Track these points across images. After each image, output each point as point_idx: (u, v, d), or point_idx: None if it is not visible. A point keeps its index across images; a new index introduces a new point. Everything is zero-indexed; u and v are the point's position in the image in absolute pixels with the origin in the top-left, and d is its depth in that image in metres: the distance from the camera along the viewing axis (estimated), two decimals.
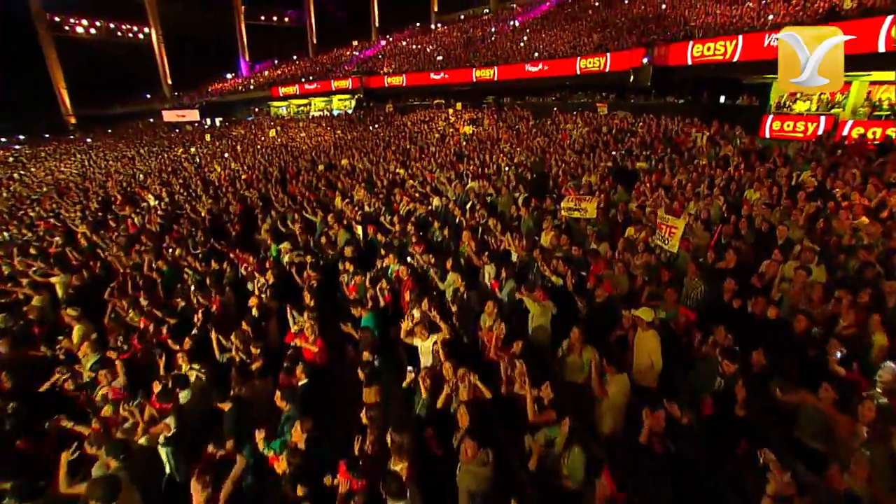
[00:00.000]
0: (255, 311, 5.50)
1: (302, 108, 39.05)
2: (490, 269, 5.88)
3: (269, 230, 8.95)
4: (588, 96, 20.31)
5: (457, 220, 8.65)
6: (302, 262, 7.20)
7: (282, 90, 37.70)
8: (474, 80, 24.92)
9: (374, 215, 9.47)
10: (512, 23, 36.38)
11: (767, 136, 14.45)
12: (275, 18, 50.26)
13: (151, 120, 42.41)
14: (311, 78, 37.80)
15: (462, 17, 46.30)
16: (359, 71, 33.62)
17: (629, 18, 25.66)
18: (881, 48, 10.38)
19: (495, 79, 23.79)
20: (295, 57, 48.88)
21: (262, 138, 27.67)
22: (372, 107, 32.55)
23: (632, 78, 16.86)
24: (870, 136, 12.16)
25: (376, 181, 12.25)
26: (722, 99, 16.30)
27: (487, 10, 45.55)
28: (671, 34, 17.86)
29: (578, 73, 19.45)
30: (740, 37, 13.63)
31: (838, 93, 13.22)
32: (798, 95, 14.24)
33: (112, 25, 47.32)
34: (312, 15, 47.52)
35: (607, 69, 18.27)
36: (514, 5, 44.81)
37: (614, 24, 25.73)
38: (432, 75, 27.50)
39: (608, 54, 18.18)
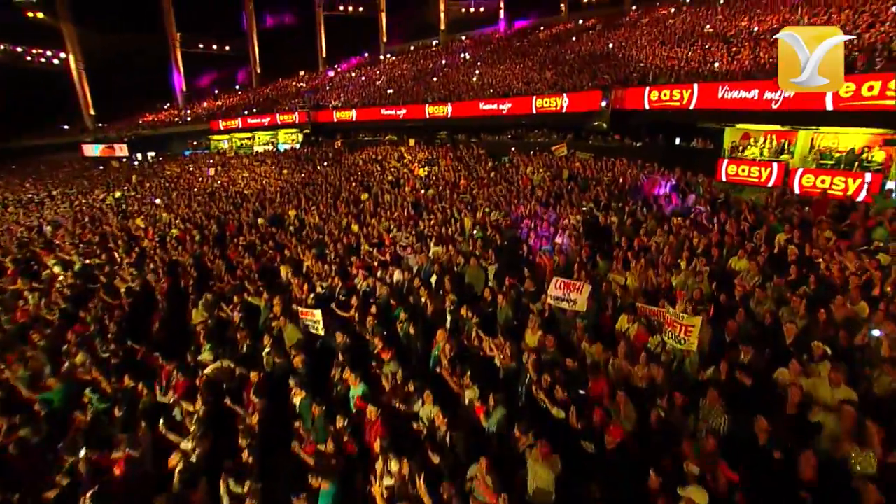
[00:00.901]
0: (175, 478, 4.24)
1: (245, 141, 37.13)
2: (472, 392, 4.98)
3: (203, 323, 7.61)
4: (545, 135, 20.32)
5: (423, 301, 7.73)
6: (243, 377, 5.99)
7: (222, 123, 35.71)
8: (427, 116, 24.51)
9: (327, 296, 8.36)
10: (462, 55, 36.83)
11: (724, 179, 14.80)
12: (214, 47, 48.13)
13: (70, 155, 38.78)
14: (254, 111, 36.15)
15: (412, 47, 46.55)
16: (306, 105, 32.45)
17: (579, 56, 26.47)
18: (829, 107, 10.75)
19: (449, 115, 23.48)
20: (237, 87, 47.00)
21: (200, 178, 25.71)
22: (320, 142, 31.40)
23: (594, 122, 16.97)
24: (819, 184, 12.63)
25: (328, 242, 11.13)
26: (677, 141, 16.70)
27: (437, 42, 46.09)
28: (624, 75, 18.28)
29: (535, 112, 19.43)
30: (696, 86, 13.97)
31: (786, 140, 13.78)
32: (750, 141, 14.71)
33: (20, 49, 43.27)
34: (256, 44, 45.99)
35: (564, 110, 18.35)
36: (464, 38, 45.74)
37: (566, 62, 26.44)
38: (383, 111, 26.88)
39: (565, 95, 18.30)
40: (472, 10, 47.72)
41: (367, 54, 47.49)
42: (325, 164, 24.43)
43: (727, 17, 23.81)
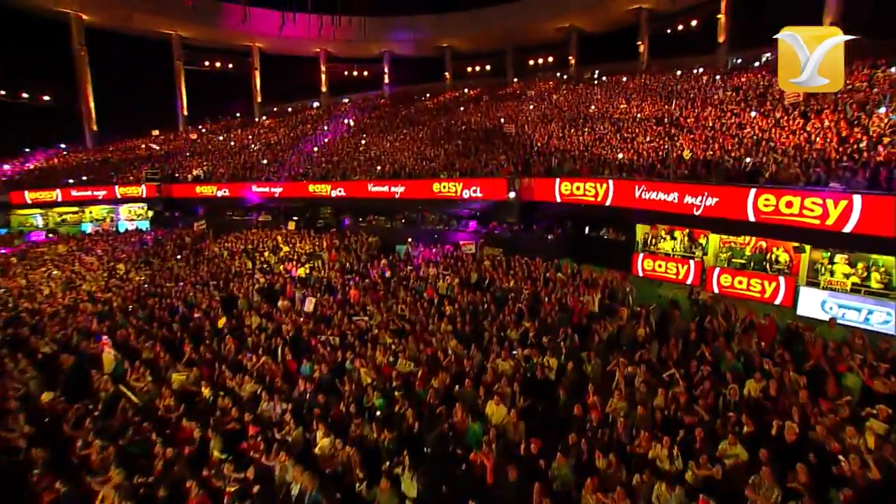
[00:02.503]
0: None
1: (70, 216, 29.88)
2: None
3: None
4: (444, 222, 18.72)
5: None
6: None
7: (30, 195, 28.23)
8: (309, 194, 21.57)
9: None
10: (346, 121, 35.00)
11: (640, 274, 14.23)
12: (25, 95, 39.19)
13: None
14: (83, 180, 29.52)
15: (290, 109, 43.68)
16: (155, 175, 27.18)
17: (472, 129, 26.11)
18: (751, 217, 10.44)
19: (334, 196, 20.83)
20: (63, 148, 38.87)
21: None
22: (177, 218, 26.33)
23: (505, 218, 15.66)
24: (736, 284, 12.42)
25: (154, 442, 7.34)
26: (587, 230, 16.09)
27: (317, 104, 43.94)
28: (525, 158, 17.56)
29: (433, 197, 17.74)
30: (610, 182, 13.31)
31: (702, 235, 13.61)
32: (662, 234, 14.38)
33: None
34: (90, 93, 38.68)
35: (467, 196, 16.89)
36: (346, 99, 44.34)
37: (458, 134, 25.84)
38: (255, 187, 23.28)
39: (468, 180, 16.89)
40: (354, 72, 46.94)
41: (238, 115, 43.35)
42: (180, 256, 19.78)
43: (606, 99, 25.44)
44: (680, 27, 32.57)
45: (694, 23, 31.80)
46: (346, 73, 46.72)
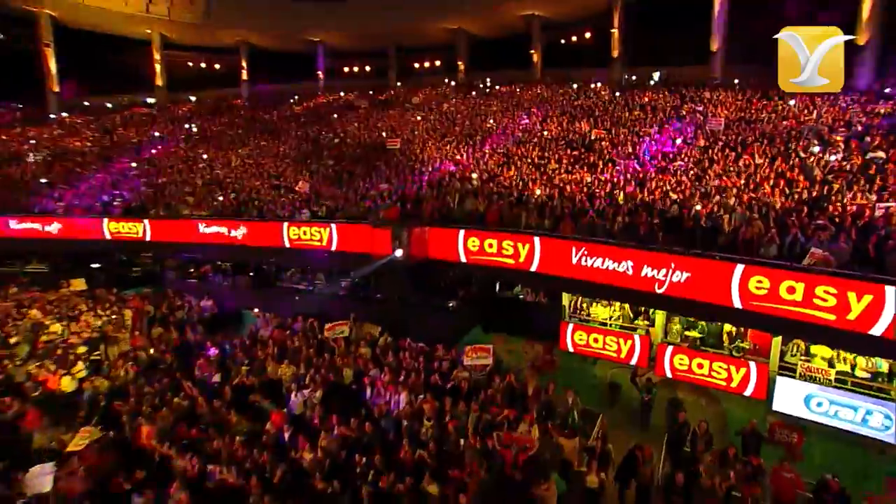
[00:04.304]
0: None
1: None
2: None
3: None
4: (307, 279, 14.10)
5: None
6: None
7: None
8: (107, 237, 15.21)
9: None
10: (188, 126, 28.04)
11: (570, 349, 11.21)
12: None
13: None
14: None
15: (108, 104, 34.58)
16: None
17: (345, 143, 21.64)
18: (736, 304, 7.67)
19: (146, 238, 14.83)
20: None
21: None
22: None
23: (388, 279, 11.37)
24: (695, 368, 9.89)
25: None
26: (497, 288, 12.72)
27: (153, 100, 35.52)
28: (417, 192, 13.58)
29: (289, 245, 12.92)
30: (536, 240, 9.76)
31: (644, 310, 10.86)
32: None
33: None
34: None
35: (334, 246, 12.40)
36: (190, 96, 36.64)
37: (330, 148, 21.22)
38: (15, 223, 16.03)
39: (333, 226, 12.35)
40: (202, 64, 39.21)
41: (20, 107, 33.03)
42: None
43: (503, 112, 22.74)
44: (574, 38, 31.67)
45: (588, 35, 31.06)
46: (190, 64, 38.78)
